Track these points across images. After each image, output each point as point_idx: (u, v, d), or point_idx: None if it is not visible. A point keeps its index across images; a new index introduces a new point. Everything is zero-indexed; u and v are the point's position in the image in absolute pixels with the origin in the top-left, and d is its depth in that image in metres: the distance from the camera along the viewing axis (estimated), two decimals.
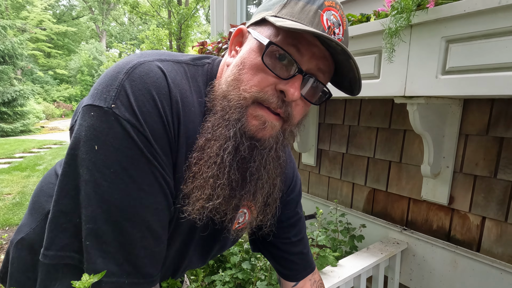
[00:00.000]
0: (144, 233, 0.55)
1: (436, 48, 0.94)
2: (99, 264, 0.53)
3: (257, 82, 0.56)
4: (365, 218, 1.58)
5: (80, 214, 0.53)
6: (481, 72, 0.87)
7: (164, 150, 0.55)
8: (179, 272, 0.79)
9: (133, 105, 0.52)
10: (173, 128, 0.55)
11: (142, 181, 0.53)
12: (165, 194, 0.57)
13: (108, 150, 0.51)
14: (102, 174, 0.51)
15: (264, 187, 0.63)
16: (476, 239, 1.22)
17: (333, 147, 1.79)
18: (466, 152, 1.22)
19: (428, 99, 1.06)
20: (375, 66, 1.12)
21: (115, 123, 0.51)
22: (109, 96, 0.52)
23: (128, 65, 0.54)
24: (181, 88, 0.57)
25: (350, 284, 1.26)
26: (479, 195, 1.20)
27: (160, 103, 0.54)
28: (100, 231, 0.53)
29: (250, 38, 0.60)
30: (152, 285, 0.60)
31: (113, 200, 0.52)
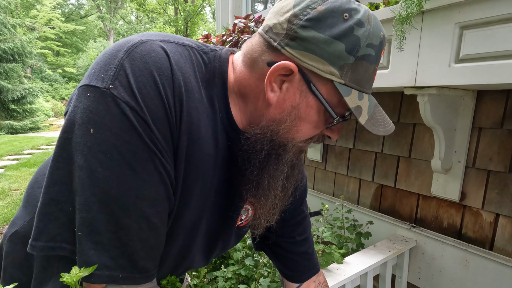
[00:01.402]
0: (141, 225, 0.52)
1: (449, 35, 0.89)
2: (92, 256, 0.50)
3: (311, 135, 0.59)
4: (373, 215, 1.54)
5: (73, 203, 0.50)
6: (497, 59, 0.82)
7: (165, 137, 0.51)
8: (178, 272, 0.75)
9: (132, 86, 0.48)
10: (175, 114, 0.52)
11: (141, 169, 0.50)
12: (165, 184, 0.53)
13: (105, 134, 0.48)
14: (97, 159, 0.48)
15: (292, 184, 0.68)
16: (489, 237, 1.17)
17: (339, 142, 1.75)
18: (479, 146, 1.17)
19: (440, 89, 1.01)
20: (384, 55, 1.08)
21: (112, 105, 0.47)
22: (107, 76, 0.48)
23: (128, 43, 0.51)
24: (184, 71, 0.54)
25: (356, 282, 1.22)
26: (492, 191, 1.15)
27: (161, 86, 0.50)
28: (94, 221, 0.49)
29: (305, 90, 0.54)
30: (149, 280, 0.56)
31: (109, 188, 0.49)
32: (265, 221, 0.68)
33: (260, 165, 0.59)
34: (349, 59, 0.51)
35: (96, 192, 0.49)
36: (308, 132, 0.58)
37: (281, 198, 0.66)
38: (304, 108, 0.55)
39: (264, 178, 0.60)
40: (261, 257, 1.08)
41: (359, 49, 0.51)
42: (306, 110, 0.55)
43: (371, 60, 0.53)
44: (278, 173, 0.60)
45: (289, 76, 0.53)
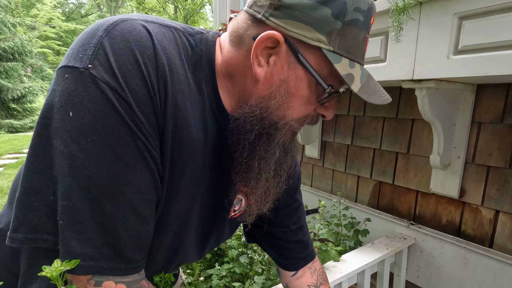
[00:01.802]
0: (126, 213, 0.49)
1: (448, 26, 0.87)
2: (74, 246, 0.47)
3: (303, 111, 0.56)
4: (371, 212, 1.52)
5: (54, 191, 0.47)
6: (497, 50, 0.79)
7: (149, 120, 0.48)
8: (172, 266, 0.73)
9: (113, 65, 0.45)
10: (159, 96, 0.49)
11: (124, 153, 0.47)
12: (150, 170, 0.50)
13: (84, 117, 0.45)
14: (77, 144, 0.45)
15: (285, 171, 0.66)
16: (489, 234, 1.14)
17: (337, 138, 1.72)
18: (479, 141, 1.14)
19: (439, 82, 0.99)
20: (381, 48, 1.05)
21: (92, 85, 0.45)
22: (86, 56, 0.45)
23: (108, 21, 0.48)
24: (168, 52, 0.51)
25: (354, 280, 1.19)
26: (492, 188, 1.12)
27: (144, 65, 0.47)
28: (76, 209, 0.46)
29: (293, 61, 0.51)
30: (136, 271, 0.53)
31: (91, 174, 0.46)
32: (257, 207, 0.65)
33: (250, 146, 0.56)
34: (337, 24, 0.48)
35: (77, 178, 0.46)
36: (300, 108, 0.55)
37: (274, 184, 0.64)
38: (293, 82, 0.52)
39: (254, 159, 0.57)
40: (255, 254, 1.06)
41: (346, 14, 0.48)
42: (296, 84, 0.52)
43: (360, 26, 0.50)
44: (270, 155, 0.57)
45: (276, 49, 0.51)
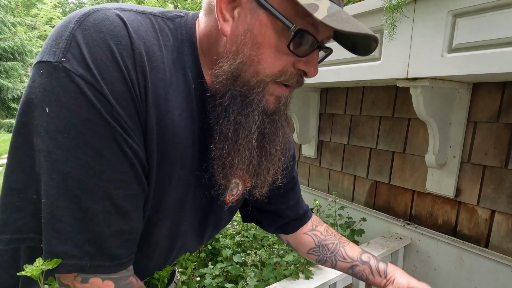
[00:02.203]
0: (107, 208, 0.48)
1: (442, 24, 0.86)
2: (54, 245, 0.46)
3: (277, 65, 0.52)
4: (367, 212, 1.51)
5: (37, 189, 0.47)
6: (491, 48, 0.78)
7: (128, 112, 0.47)
8: (172, 256, 0.71)
9: (86, 58, 0.44)
10: (138, 87, 0.47)
11: (102, 148, 0.46)
12: (131, 164, 0.49)
13: (60, 112, 0.44)
14: (54, 140, 0.44)
15: (277, 148, 0.62)
16: (485, 234, 1.13)
17: (334, 138, 1.71)
18: (475, 140, 1.13)
19: (433, 81, 0.98)
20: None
21: (66, 79, 0.44)
22: (59, 49, 0.44)
23: (80, 13, 0.46)
24: (146, 40, 0.49)
25: (349, 280, 1.19)
26: (488, 187, 1.11)
27: (119, 55, 0.45)
28: (55, 207, 0.45)
29: (254, 7, 0.49)
30: (121, 269, 0.52)
31: (68, 170, 0.45)
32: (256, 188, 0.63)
33: (225, 110, 0.54)
34: None
35: (54, 175, 0.45)
36: (272, 60, 0.51)
37: (265, 161, 0.60)
38: (258, 29, 0.49)
39: (229, 125, 0.54)
40: (248, 257, 1.05)
41: None
42: (261, 31, 0.49)
43: None
44: (247, 120, 0.54)
45: (238, 0, 0.49)
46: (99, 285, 0.51)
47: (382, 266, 0.77)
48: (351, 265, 0.78)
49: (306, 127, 1.81)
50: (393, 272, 0.76)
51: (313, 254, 0.83)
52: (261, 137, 0.58)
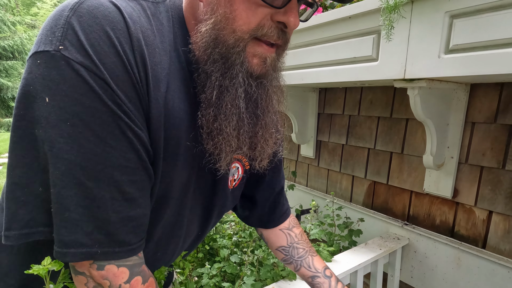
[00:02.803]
0: (114, 195, 0.48)
1: (439, 25, 0.86)
2: (64, 235, 0.46)
3: (252, 19, 0.50)
4: (365, 212, 1.51)
5: (44, 182, 0.46)
6: (488, 49, 0.78)
7: (129, 97, 0.47)
8: (179, 246, 0.71)
9: (84, 44, 0.43)
10: (137, 72, 0.47)
11: (106, 134, 0.46)
12: (135, 150, 0.49)
13: (62, 101, 0.43)
14: (57, 129, 0.44)
15: (272, 116, 0.61)
16: (482, 235, 1.14)
17: (332, 138, 1.71)
18: (473, 141, 1.13)
19: (431, 82, 0.98)
20: (373, 47, 1.04)
21: (65, 67, 0.43)
22: (55, 38, 0.44)
23: (73, 1, 0.46)
24: (140, 25, 0.49)
25: (346, 281, 1.19)
26: (485, 188, 1.11)
27: (117, 40, 0.45)
28: (62, 196, 0.45)
29: None
30: (132, 254, 0.53)
31: (73, 159, 0.45)
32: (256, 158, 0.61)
33: (208, 76, 0.53)
34: None
35: (58, 164, 0.45)
36: (247, 15, 0.50)
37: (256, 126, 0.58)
38: None
39: (212, 90, 0.53)
40: (245, 256, 1.05)
41: None
42: None
43: None
44: (232, 83, 0.53)
45: None
46: (115, 272, 0.51)
47: (340, 286, 0.80)
48: (313, 275, 0.81)
49: (304, 127, 1.81)
50: None
51: (281, 252, 0.85)
52: (251, 103, 0.56)
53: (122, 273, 0.52)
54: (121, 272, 0.51)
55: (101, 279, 0.50)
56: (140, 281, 0.54)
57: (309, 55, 1.29)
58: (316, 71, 1.27)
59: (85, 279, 0.50)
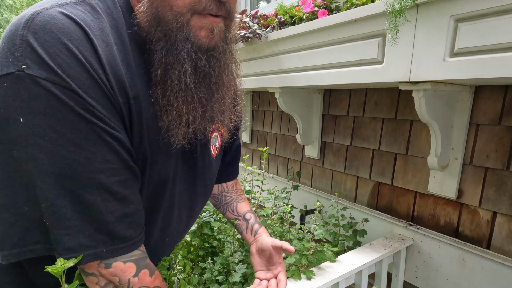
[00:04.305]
0: (104, 197, 0.50)
1: (444, 28, 0.87)
2: (67, 242, 0.49)
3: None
4: (369, 213, 1.52)
5: (28, 201, 0.48)
6: (493, 52, 0.79)
7: (100, 102, 0.48)
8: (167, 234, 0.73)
9: (45, 59, 0.44)
10: (104, 75, 0.48)
11: (84, 142, 0.47)
12: (115, 151, 0.51)
13: (35, 118, 0.45)
14: (37, 146, 0.45)
15: (229, 89, 0.62)
16: (486, 235, 1.14)
17: (337, 139, 1.73)
18: (477, 143, 1.14)
19: (435, 84, 0.99)
20: (379, 50, 1.06)
21: (33, 86, 0.44)
22: (15, 58, 0.44)
23: (23, 18, 0.46)
24: (95, 29, 0.50)
25: (351, 280, 1.20)
26: (490, 189, 1.12)
27: (77, 50, 0.46)
28: (56, 208, 0.47)
29: None
30: (135, 247, 0.56)
31: (58, 171, 0.46)
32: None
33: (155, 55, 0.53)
34: None
35: (46, 179, 0.46)
36: None
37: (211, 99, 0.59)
38: None
39: (158, 68, 0.54)
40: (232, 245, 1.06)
41: None
42: None
43: None
44: (177, 59, 0.53)
45: None
46: (122, 267, 0.53)
47: (256, 227, 0.89)
48: (235, 218, 0.93)
49: (309, 128, 1.83)
50: (262, 233, 0.87)
51: (212, 199, 0.97)
52: (203, 77, 0.57)
53: (130, 267, 0.54)
54: (128, 267, 0.54)
55: (110, 276, 0.52)
56: (148, 274, 0.56)
57: (314, 57, 1.30)
58: (321, 73, 1.28)
59: (96, 278, 0.53)
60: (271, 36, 1.50)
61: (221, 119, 0.65)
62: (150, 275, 0.57)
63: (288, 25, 1.50)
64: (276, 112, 2.18)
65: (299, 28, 1.33)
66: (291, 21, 1.49)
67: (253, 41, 1.59)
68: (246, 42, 1.63)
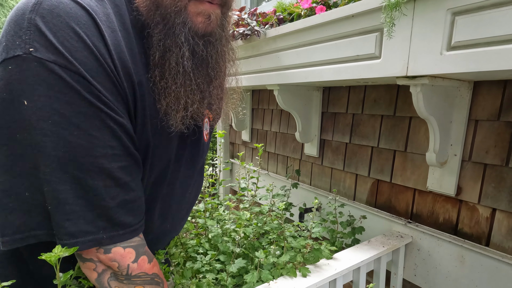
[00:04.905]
0: (106, 183, 0.50)
1: (441, 22, 0.86)
2: (68, 227, 0.49)
3: None
4: (368, 210, 1.51)
5: (29, 187, 0.48)
6: (490, 45, 0.79)
7: (106, 87, 0.48)
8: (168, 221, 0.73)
9: (54, 43, 0.44)
10: (110, 61, 0.48)
11: (88, 126, 0.47)
12: (118, 137, 0.51)
13: (40, 101, 0.44)
14: (40, 129, 0.45)
15: (226, 76, 0.64)
16: (486, 232, 1.13)
17: (336, 137, 1.72)
18: (476, 138, 1.13)
19: (433, 79, 0.98)
20: (376, 45, 1.05)
21: (40, 68, 0.44)
22: (23, 41, 0.44)
23: (30, 3, 0.46)
24: (100, 15, 0.50)
25: (349, 277, 1.19)
26: (489, 185, 1.11)
27: (85, 35, 0.46)
28: (58, 192, 0.47)
29: None
30: (135, 234, 0.55)
31: (62, 154, 0.46)
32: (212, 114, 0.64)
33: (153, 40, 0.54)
34: None
35: (49, 162, 0.46)
36: None
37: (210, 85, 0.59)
38: None
39: (156, 50, 0.54)
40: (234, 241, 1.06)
41: None
42: None
43: None
44: (175, 42, 0.54)
45: None
46: (122, 253, 0.53)
47: None
48: None
49: (308, 126, 1.82)
50: None
51: None
52: (201, 63, 0.57)
53: (129, 253, 0.54)
54: (128, 253, 0.54)
55: (109, 261, 0.52)
56: (147, 260, 0.56)
57: (312, 53, 1.30)
58: (320, 70, 1.28)
59: (94, 264, 0.52)
60: (270, 33, 1.50)
61: (218, 105, 0.65)
62: (148, 262, 0.57)
63: (286, 22, 1.49)
64: (275, 111, 2.18)
65: (297, 24, 1.32)
66: (289, 18, 1.49)
67: (251, 38, 1.59)
68: (245, 40, 1.62)
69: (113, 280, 0.53)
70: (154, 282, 0.57)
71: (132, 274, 0.54)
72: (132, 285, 0.54)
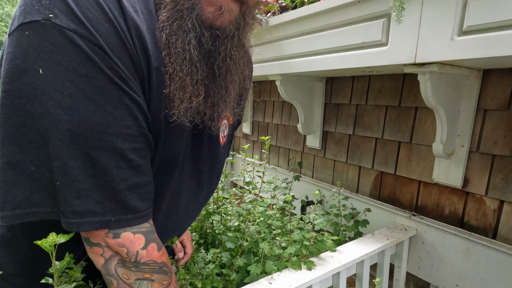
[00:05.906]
0: (119, 163, 0.47)
1: (453, 5, 0.83)
2: (77, 205, 0.46)
3: None
4: (372, 203, 1.49)
5: (35, 160, 0.45)
6: (504, 29, 0.75)
7: (125, 63, 0.46)
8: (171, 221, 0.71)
9: (75, 11, 0.42)
10: (130, 37, 0.46)
11: (104, 102, 0.44)
12: (134, 117, 0.48)
13: (57, 71, 0.42)
14: (54, 101, 0.42)
15: (235, 79, 0.59)
16: (493, 225, 1.11)
17: (339, 128, 1.69)
18: (484, 129, 1.10)
19: (442, 66, 0.95)
20: (383, 32, 1.01)
21: (58, 36, 0.41)
22: (42, 6, 0.41)
23: None
24: None
25: (352, 270, 1.17)
26: (497, 177, 1.08)
27: (107, 7, 0.44)
28: (68, 168, 0.44)
29: None
30: (145, 220, 0.53)
31: (74, 129, 0.43)
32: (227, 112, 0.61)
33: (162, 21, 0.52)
34: None
35: (61, 136, 0.43)
36: None
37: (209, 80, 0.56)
38: None
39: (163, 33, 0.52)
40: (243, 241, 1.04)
41: None
42: None
43: None
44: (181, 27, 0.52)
45: None
46: (131, 238, 0.51)
47: None
48: None
49: (310, 118, 1.79)
50: None
51: None
52: (207, 56, 0.55)
53: (139, 239, 0.51)
54: (138, 239, 0.51)
55: (118, 247, 0.50)
56: (156, 248, 0.54)
57: (316, 42, 1.26)
58: (323, 58, 1.24)
59: (101, 249, 0.50)
60: (272, 21, 1.46)
61: (226, 106, 0.62)
62: (158, 250, 0.55)
63: (289, 9, 1.45)
64: (277, 102, 2.15)
65: (300, 11, 1.28)
66: (292, 6, 1.44)
67: None
68: None
69: (120, 267, 0.51)
70: (162, 271, 0.55)
71: (141, 262, 0.52)
72: (140, 273, 0.52)
